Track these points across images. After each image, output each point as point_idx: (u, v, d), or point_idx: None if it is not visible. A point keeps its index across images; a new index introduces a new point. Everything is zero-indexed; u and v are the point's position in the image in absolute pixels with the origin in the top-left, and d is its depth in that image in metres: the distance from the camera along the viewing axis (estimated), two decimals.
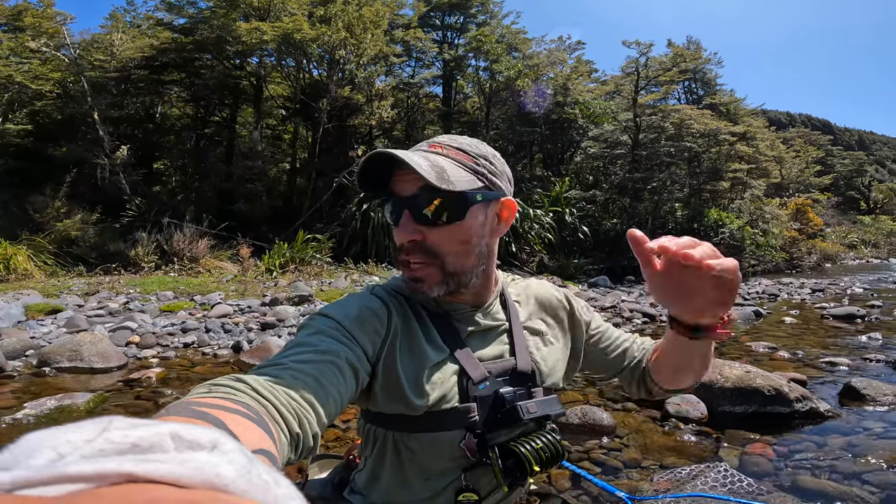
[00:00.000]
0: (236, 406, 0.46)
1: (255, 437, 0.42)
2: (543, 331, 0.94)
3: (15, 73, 9.39)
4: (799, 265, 15.61)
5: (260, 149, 12.93)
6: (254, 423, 0.44)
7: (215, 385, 0.52)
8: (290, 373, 0.60)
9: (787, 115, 77.06)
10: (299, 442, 0.55)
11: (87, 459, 0.17)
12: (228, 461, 0.19)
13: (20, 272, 7.49)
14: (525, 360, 0.86)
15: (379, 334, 0.77)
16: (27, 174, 9.88)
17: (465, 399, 0.79)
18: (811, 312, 6.76)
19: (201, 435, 0.20)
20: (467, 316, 0.86)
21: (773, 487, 2.06)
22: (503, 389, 0.81)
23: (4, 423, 2.59)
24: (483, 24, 14.56)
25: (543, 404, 0.83)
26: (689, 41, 19.84)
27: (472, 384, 0.79)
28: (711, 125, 12.80)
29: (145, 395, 3.17)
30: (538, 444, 0.80)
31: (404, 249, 0.79)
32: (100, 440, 0.18)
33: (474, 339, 0.85)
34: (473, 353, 0.83)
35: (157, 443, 0.19)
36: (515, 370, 0.84)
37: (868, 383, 3.10)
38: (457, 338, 0.83)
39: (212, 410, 0.42)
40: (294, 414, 0.55)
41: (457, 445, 0.79)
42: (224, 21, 10.59)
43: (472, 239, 0.80)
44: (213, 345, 4.49)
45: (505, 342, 0.88)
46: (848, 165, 36.25)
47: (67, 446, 0.18)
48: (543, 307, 0.97)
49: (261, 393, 0.53)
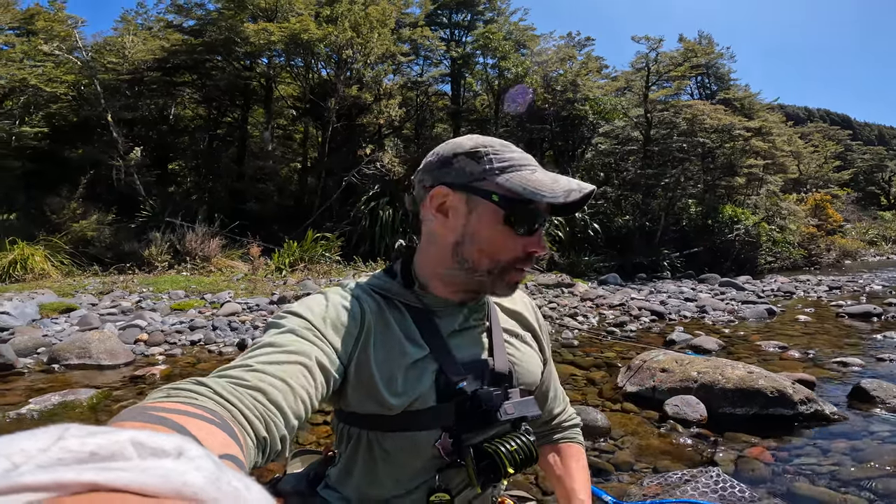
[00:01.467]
0: (197, 410, 0.45)
1: (218, 441, 0.41)
2: (520, 333, 0.94)
3: (29, 76, 9.59)
4: (818, 262, 15.27)
5: (271, 149, 13.05)
6: (217, 428, 0.42)
7: (175, 389, 0.51)
8: (257, 375, 0.59)
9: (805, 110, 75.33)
10: (266, 446, 0.54)
11: (43, 469, 0.16)
12: (196, 468, 0.18)
13: (37, 272, 7.67)
14: (503, 360, 0.85)
15: (351, 334, 0.76)
16: (44, 176, 10.10)
17: (443, 398, 0.78)
18: (826, 311, 6.61)
19: (165, 441, 0.19)
20: (454, 313, 0.85)
21: (766, 494, 2.02)
22: (480, 390, 0.80)
23: (9, 419, 2.65)
24: (490, 22, 14.47)
25: (520, 405, 0.82)
26: (701, 36, 19.50)
27: (450, 383, 0.78)
28: (725, 120, 12.56)
29: (148, 392, 3.22)
30: (513, 445, 0.79)
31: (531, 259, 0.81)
32: (55, 448, 0.17)
33: (455, 338, 0.84)
34: (453, 351, 0.82)
35: (117, 451, 0.18)
36: (493, 370, 0.83)
37: (878, 384, 3.01)
38: (438, 335, 0.82)
39: (171, 415, 0.40)
40: (260, 417, 0.54)
41: (431, 445, 0.78)
42: (232, 22, 10.69)
43: None
44: (219, 342, 4.56)
45: (484, 342, 0.87)
46: (868, 160, 35.29)
47: (21, 455, 0.17)
48: (523, 312, 0.97)
49: (224, 396, 0.52)
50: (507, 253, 0.79)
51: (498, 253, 0.78)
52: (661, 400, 2.78)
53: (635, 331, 5.44)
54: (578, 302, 7.22)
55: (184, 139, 13.64)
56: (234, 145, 13.67)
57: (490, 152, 0.79)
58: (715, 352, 4.26)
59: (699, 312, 6.44)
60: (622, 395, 3.04)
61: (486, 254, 0.79)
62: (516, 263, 0.79)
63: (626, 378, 3.13)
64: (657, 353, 3.29)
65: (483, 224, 0.78)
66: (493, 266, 0.79)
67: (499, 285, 0.81)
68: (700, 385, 2.77)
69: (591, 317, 6.10)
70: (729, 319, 6.04)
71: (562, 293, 7.99)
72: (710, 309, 6.56)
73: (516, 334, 0.92)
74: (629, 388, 3.03)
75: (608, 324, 5.73)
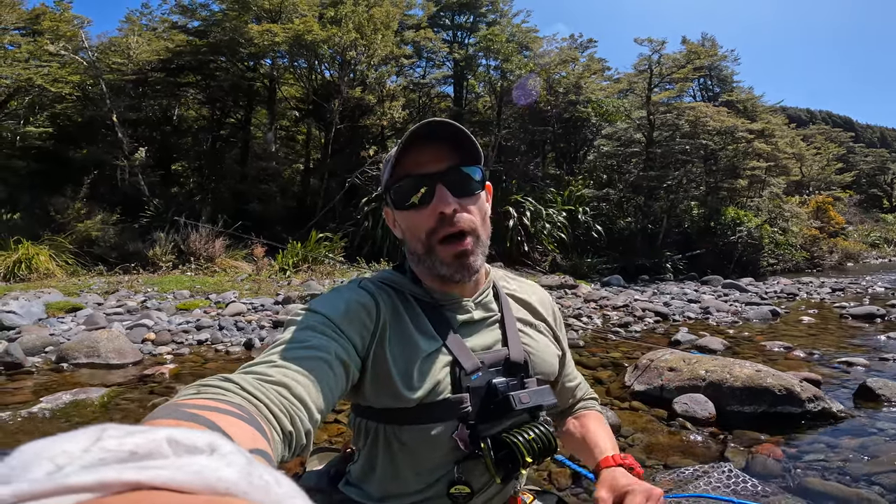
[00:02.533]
0: (227, 406, 0.46)
1: (248, 436, 0.42)
2: (534, 322, 0.95)
3: (35, 76, 9.62)
4: (820, 264, 15.27)
5: (274, 150, 13.08)
6: (246, 423, 0.44)
7: (204, 386, 0.52)
8: (280, 370, 0.60)
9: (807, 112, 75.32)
10: (292, 440, 0.55)
11: (86, 469, 0.17)
12: (228, 463, 0.19)
13: (42, 271, 7.69)
14: (518, 350, 0.86)
15: (367, 328, 0.77)
16: (48, 176, 10.13)
17: (458, 390, 0.79)
18: (830, 312, 6.62)
19: (198, 438, 0.20)
20: (460, 305, 0.86)
21: (778, 489, 2.03)
22: (496, 380, 0.81)
23: (20, 417, 2.67)
24: (493, 24, 14.50)
25: (536, 394, 0.82)
26: (704, 38, 19.50)
27: (465, 374, 0.79)
28: (728, 122, 12.59)
29: (158, 391, 3.24)
30: (530, 435, 0.79)
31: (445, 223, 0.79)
32: (95, 449, 0.18)
33: (466, 329, 0.85)
34: (466, 342, 0.82)
35: (154, 449, 0.19)
36: (508, 360, 0.84)
37: (884, 383, 3.03)
38: (449, 328, 0.83)
39: (203, 412, 0.41)
40: (286, 412, 0.55)
41: (449, 437, 0.78)
42: (236, 23, 10.72)
43: (487, 212, 0.86)
44: (226, 342, 4.57)
45: (497, 332, 0.87)
46: (870, 163, 35.33)
47: (64, 457, 0.17)
48: (536, 304, 0.98)
49: (251, 392, 0.53)
50: (421, 229, 0.81)
51: (416, 234, 0.82)
52: (670, 398, 2.80)
53: (640, 331, 5.45)
54: (582, 303, 7.23)
55: (187, 140, 13.68)
56: (238, 146, 13.71)
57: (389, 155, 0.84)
58: (720, 352, 4.27)
59: (703, 314, 6.44)
60: (630, 393, 3.05)
61: (413, 240, 0.83)
62: (438, 232, 0.80)
63: (634, 377, 3.14)
64: (664, 352, 3.30)
65: (398, 220, 0.85)
66: (423, 247, 0.82)
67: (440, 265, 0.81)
68: (708, 383, 2.78)
69: (595, 318, 6.11)
70: (733, 320, 6.05)
71: (565, 294, 8.00)
72: (714, 310, 6.56)
73: (530, 324, 0.93)
74: (637, 387, 3.04)
75: (612, 325, 5.74)
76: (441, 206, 0.78)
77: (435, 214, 0.78)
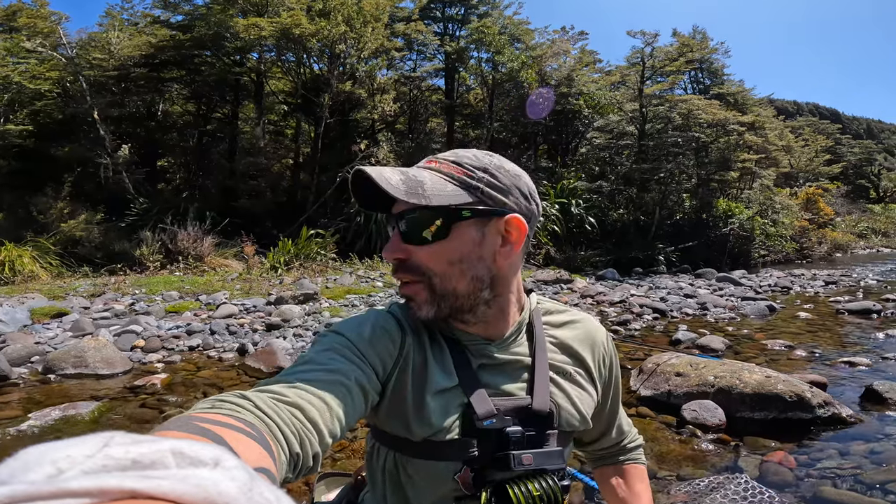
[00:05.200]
0: (238, 423, 0.46)
1: (254, 455, 0.42)
2: (572, 372, 0.85)
3: (12, 73, 9.34)
4: (809, 255, 15.43)
5: (262, 145, 12.86)
6: (254, 441, 0.44)
7: (219, 401, 0.53)
8: (297, 391, 0.59)
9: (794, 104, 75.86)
10: (299, 462, 0.54)
11: (87, 475, 0.17)
12: (230, 478, 0.19)
13: (25, 273, 7.48)
14: (543, 399, 0.79)
15: (391, 355, 0.74)
16: (30, 175, 9.85)
17: (468, 433, 0.75)
18: (825, 306, 6.65)
19: (203, 451, 0.20)
20: (479, 348, 0.80)
21: (794, 499, 1.99)
22: (510, 428, 0.75)
23: (9, 435, 2.55)
24: (485, 16, 14.33)
25: (542, 457, 0.76)
26: (696, 31, 19.49)
27: (477, 419, 0.74)
28: (720, 115, 12.59)
29: (150, 403, 3.13)
30: (536, 490, 0.74)
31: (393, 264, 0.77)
32: (100, 456, 0.18)
33: (487, 372, 0.79)
34: (485, 386, 0.77)
35: (158, 459, 0.19)
36: (530, 409, 0.78)
37: (890, 386, 3.01)
38: (468, 368, 0.78)
39: (213, 427, 0.42)
40: (296, 434, 0.54)
41: (451, 477, 0.75)
42: (221, 17, 10.48)
43: (460, 259, 0.73)
44: (219, 347, 4.45)
45: (524, 378, 0.81)
46: (857, 154, 35.68)
47: (67, 461, 0.18)
48: (578, 346, 0.87)
49: (264, 411, 0.53)
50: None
51: None
52: (678, 405, 2.75)
53: (639, 329, 5.42)
54: (579, 299, 7.19)
55: (172, 136, 13.40)
56: (225, 141, 13.45)
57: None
58: (722, 352, 4.24)
59: (700, 309, 6.44)
60: (636, 398, 3.00)
61: None
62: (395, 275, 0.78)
63: (640, 382, 3.09)
64: (669, 355, 3.25)
65: None
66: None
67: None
68: (718, 389, 2.73)
69: (593, 315, 6.08)
70: (731, 317, 6.05)
71: (561, 289, 7.96)
72: (711, 306, 6.56)
73: (565, 373, 0.84)
74: (643, 392, 2.99)
75: (611, 322, 5.71)
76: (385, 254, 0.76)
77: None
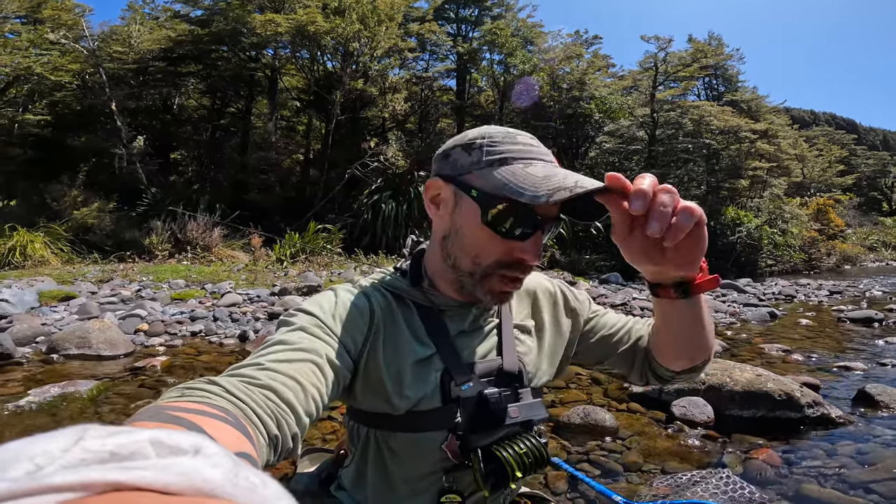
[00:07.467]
0: (211, 409, 0.46)
1: (232, 440, 0.42)
2: (534, 327, 0.90)
3: (34, 65, 9.56)
4: (817, 266, 15.26)
5: (274, 140, 13.01)
6: (230, 426, 0.43)
7: (188, 389, 0.52)
8: (268, 373, 0.59)
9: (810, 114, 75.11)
10: (278, 444, 0.54)
11: (67, 469, 0.17)
12: (213, 465, 0.18)
13: (36, 259, 7.65)
14: (512, 359, 0.82)
15: (361, 331, 0.75)
16: (46, 164, 10.07)
17: (448, 400, 0.76)
18: (828, 315, 6.59)
19: (182, 440, 0.20)
20: (460, 312, 0.83)
21: (775, 496, 2.00)
22: (488, 391, 0.77)
23: (7, 411, 2.63)
24: (498, 17, 14.41)
25: (527, 408, 0.80)
26: (711, 37, 19.36)
27: (455, 385, 0.76)
28: (732, 122, 12.53)
29: (149, 384, 3.20)
30: (521, 448, 0.77)
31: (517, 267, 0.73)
32: (76, 449, 0.18)
33: (463, 337, 0.82)
34: (460, 351, 0.80)
35: (137, 450, 0.18)
36: (501, 370, 0.81)
37: (883, 389, 3.00)
38: (444, 335, 0.80)
39: (186, 414, 0.41)
40: (272, 416, 0.54)
41: (438, 447, 0.76)
42: (239, 13, 10.65)
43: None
44: (220, 334, 4.53)
45: (494, 340, 0.84)
46: (872, 165, 35.21)
47: (44, 457, 0.17)
48: (535, 301, 0.93)
49: (236, 395, 0.52)
50: (489, 255, 0.73)
51: (479, 254, 0.73)
52: (668, 401, 2.76)
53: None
54: None
55: (187, 129, 13.62)
56: (237, 136, 13.65)
57: (485, 143, 0.73)
58: (718, 354, 4.24)
59: None
60: (628, 395, 3.02)
61: (468, 253, 0.74)
62: (500, 269, 0.73)
63: None
64: None
65: (466, 221, 0.73)
66: (475, 268, 0.74)
67: (480, 291, 0.75)
68: (708, 387, 2.75)
69: None
70: (731, 321, 6.02)
71: None
72: (712, 311, 6.54)
73: (527, 330, 0.89)
74: (635, 389, 3.00)
75: None
76: (525, 256, 0.72)
77: (513, 255, 0.72)
